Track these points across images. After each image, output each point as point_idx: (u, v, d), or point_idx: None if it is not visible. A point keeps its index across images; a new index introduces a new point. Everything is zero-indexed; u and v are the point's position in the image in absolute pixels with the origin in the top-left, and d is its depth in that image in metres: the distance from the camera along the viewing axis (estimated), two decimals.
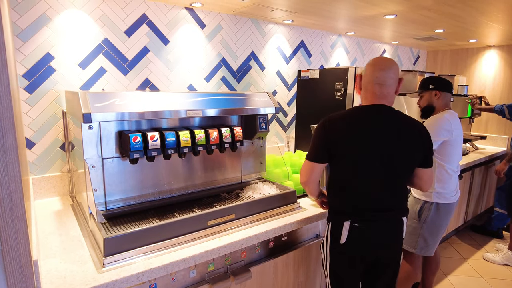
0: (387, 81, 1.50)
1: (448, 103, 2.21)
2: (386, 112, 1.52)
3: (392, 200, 1.54)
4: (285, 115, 3.15)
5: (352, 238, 1.52)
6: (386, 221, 1.54)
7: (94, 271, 1.24)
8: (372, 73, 1.52)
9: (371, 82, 1.52)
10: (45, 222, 1.67)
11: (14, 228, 0.74)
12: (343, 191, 1.57)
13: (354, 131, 1.49)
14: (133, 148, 1.50)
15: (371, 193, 1.52)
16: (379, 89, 1.50)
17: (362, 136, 1.48)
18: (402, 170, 1.54)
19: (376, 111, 1.51)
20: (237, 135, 1.84)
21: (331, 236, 1.58)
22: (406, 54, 4.43)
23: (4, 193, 0.72)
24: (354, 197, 1.54)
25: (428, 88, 2.21)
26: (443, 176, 2.17)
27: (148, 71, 2.29)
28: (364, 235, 1.52)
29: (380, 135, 1.48)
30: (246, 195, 1.93)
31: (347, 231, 1.52)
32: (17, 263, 0.75)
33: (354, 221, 1.51)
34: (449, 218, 2.24)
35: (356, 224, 1.51)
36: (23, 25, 1.81)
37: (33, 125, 1.91)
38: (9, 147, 0.71)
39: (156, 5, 2.25)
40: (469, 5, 2.32)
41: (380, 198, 1.52)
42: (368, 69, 1.55)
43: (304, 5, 2.33)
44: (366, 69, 1.56)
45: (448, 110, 2.18)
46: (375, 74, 1.51)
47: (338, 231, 1.54)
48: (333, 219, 1.60)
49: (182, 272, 1.46)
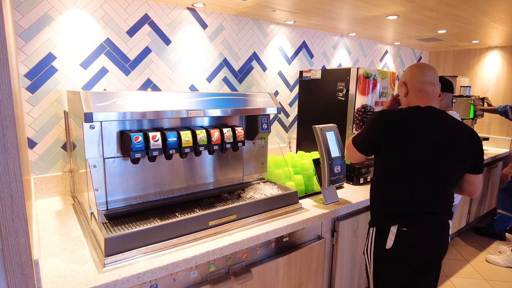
0: (436, 81, 1.58)
1: (450, 104, 2.20)
2: (441, 115, 1.53)
3: (440, 203, 1.53)
4: (287, 116, 3.14)
5: (399, 243, 1.49)
6: (434, 225, 1.52)
7: (95, 271, 1.23)
8: (423, 73, 1.57)
9: (424, 82, 1.56)
10: (46, 222, 1.67)
11: (15, 227, 0.74)
12: (390, 194, 1.56)
13: (409, 131, 1.49)
14: (135, 148, 1.50)
15: (420, 196, 1.50)
16: (432, 88, 1.56)
17: (416, 137, 1.48)
18: (452, 174, 1.53)
19: (431, 113, 1.52)
20: (239, 135, 1.83)
21: (376, 241, 1.57)
22: (408, 55, 4.42)
23: (5, 191, 0.72)
24: (401, 200, 1.52)
25: None
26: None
27: (150, 71, 2.29)
28: (412, 240, 1.49)
29: (434, 138, 1.48)
30: (248, 196, 1.93)
31: (393, 236, 1.50)
32: (17, 262, 0.75)
33: (401, 225, 1.49)
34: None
35: (404, 228, 1.49)
36: (26, 25, 1.82)
37: (35, 124, 1.91)
38: (10, 146, 0.71)
39: (158, 5, 2.25)
40: (472, 6, 2.31)
41: (428, 202, 1.51)
42: (416, 71, 1.59)
43: (306, 6, 2.33)
44: (414, 72, 1.60)
45: (450, 111, 2.17)
46: (427, 73, 1.56)
47: (384, 235, 1.53)
48: (378, 223, 1.58)
49: (183, 273, 1.45)
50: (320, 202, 2.03)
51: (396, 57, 4.24)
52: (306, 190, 2.22)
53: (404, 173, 1.51)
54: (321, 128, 1.99)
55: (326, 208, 1.94)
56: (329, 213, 1.92)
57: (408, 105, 1.62)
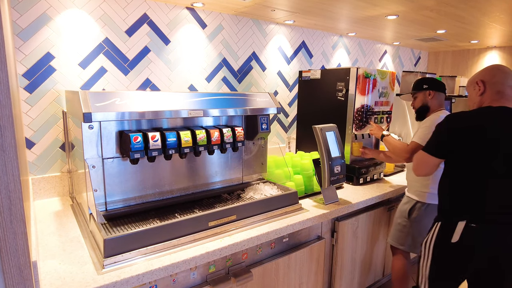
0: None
1: (442, 104, 2.18)
2: None
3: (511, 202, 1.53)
4: (286, 116, 3.14)
5: (466, 239, 1.50)
6: (505, 224, 1.51)
7: (94, 272, 1.22)
8: (505, 76, 1.61)
9: (503, 84, 1.60)
10: (45, 223, 1.66)
11: (13, 228, 0.73)
12: (460, 191, 1.58)
13: (482, 130, 1.51)
14: (134, 148, 1.49)
15: (491, 194, 1.51)
16: (510, 91, 1.60)
17: (489, 135, 1.50)
18: None
19: (506, 113, 1.55)
20: (239, 135, 1.82)
21: (439, 235, 1.58)
22: (407, 55, 4.42)
23: (3, 192, 0.70)
24: (472, 197, 1.54)
25: (422, 89, 2.18)
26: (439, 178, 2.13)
27: (149, 71, 2.27)
28: (481, 237, 1.50)
29: (507, 136, 1.50)
30: (247, 196, 1.92)
31: (460, 231, 1.51)
32: (15, 264, 0.74)
33: (470, 222, 1.50)
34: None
35: (472, 224, 1.49)
36: (24, 24, 1.80)
37: (33, 125, 1.90)
38: (8, 146, 0.70)
39: (157, 4, 2.24)
40: (471, 6, 2.31)
41: (500, 200, 1.51)
42: (497, 73, 1.63)
43: (306, 5, 2.32)
44: (495, 73, 1.63)
45: (442, 110, 2.16)
46: (509, 76, 1.61)
47: (450, 230, 1.54)
48: (445, 218, 1.60)
49: (183, 274, 1.44)
50: (320, 202, 2.02)
51: (395, 57, 4.24)
52: (306, 190, 2.22)
53: (475, 171, 1.53)
54: (321, 128, 1.98)
55: (326, 208, 1.93)
56: (329, 213, 1.91)
57: (480, 105, 1.65)
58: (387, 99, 2.53)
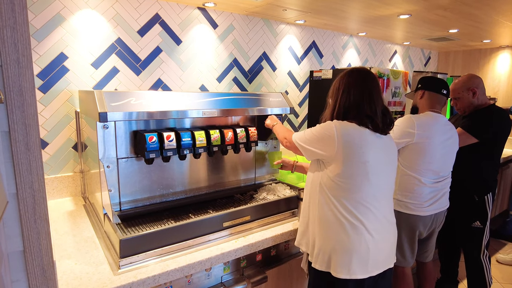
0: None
1: (435, 105, 1.99)
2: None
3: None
4: (296, 116, 3.12)
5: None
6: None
7: (110, 273, 1.21)
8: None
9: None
10: (59, 223, 1.66)
11: (37, 228, 0.72)
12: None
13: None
14: (149, 148, 1.48)
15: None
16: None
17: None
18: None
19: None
20: (252, 135, 1.81)
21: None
22: (417, 55, 4.37)
23: (27, 192, 0.70)
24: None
25: (417, 88, 2.12)
26: (407, 183, 1.94)
27: (161, 71, 2.27)
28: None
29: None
30: (261, 197, 1.90)
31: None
32: (39, 264, 0.73)
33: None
34: (414, 231, 1.97)
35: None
36: (38, 25, 1.81)
37: (46, 125, 1.90)
38: (32, 145, 0.69)
39: (169, 5, 2.23)
40: (486, 4, 2.27)
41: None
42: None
43: (318, 5, 2.30)
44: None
45: (428, 111, 1.98)
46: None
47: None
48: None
49: (197, 275, 1.43)
50: None
51: (405, 57, 4.20)
52: None
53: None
54: None
55: None
56: None
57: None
58: (400, 99, 2.50)
